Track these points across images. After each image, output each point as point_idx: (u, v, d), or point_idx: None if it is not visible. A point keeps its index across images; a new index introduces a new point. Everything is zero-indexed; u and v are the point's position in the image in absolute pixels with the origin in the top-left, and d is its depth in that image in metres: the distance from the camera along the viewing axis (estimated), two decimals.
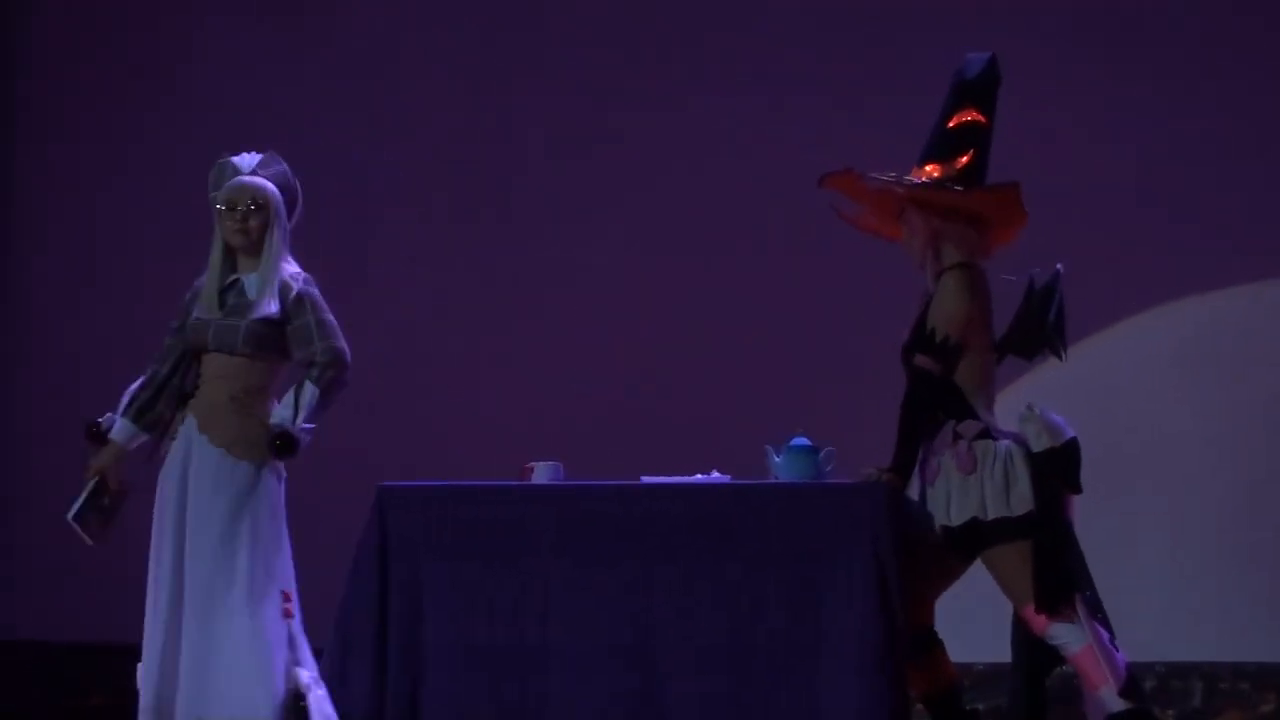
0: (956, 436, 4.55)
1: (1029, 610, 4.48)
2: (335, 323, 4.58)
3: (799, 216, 6.68)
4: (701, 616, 4.51)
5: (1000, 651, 4.78)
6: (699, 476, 4.82)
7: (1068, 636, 4.45)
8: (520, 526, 4.65)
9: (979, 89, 4.73)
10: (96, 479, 4.51)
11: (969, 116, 4.68)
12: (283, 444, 4.44)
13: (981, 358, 4.65)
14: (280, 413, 4.52)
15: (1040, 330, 4.67)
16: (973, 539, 4.52)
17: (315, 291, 4.60)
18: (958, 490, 4.49)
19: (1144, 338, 6.78)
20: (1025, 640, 4.60)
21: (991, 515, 4.45)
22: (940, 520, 4.55)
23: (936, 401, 4.65)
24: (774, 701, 4.46)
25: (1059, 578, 4.47)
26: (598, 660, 4.55)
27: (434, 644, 4.59)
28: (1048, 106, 6.71)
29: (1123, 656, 4.53)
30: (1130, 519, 6.49)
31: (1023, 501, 4.46)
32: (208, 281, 4.60)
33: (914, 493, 4.63)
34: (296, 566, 4.78)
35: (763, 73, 7.28)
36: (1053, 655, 4.54)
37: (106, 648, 6.97)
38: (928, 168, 4.66)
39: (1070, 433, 4.58)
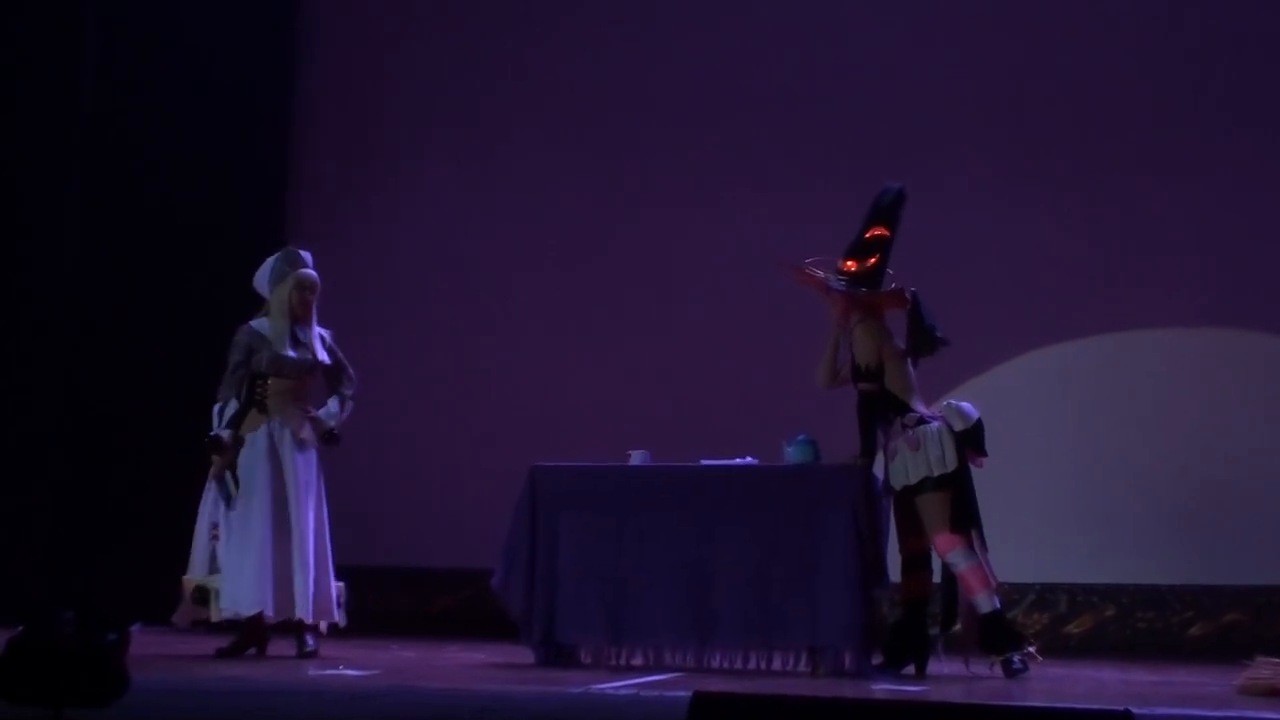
0: (904, 426, 5.43)
1: (940, 538, 5.34)
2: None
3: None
4: (739, 553, 5.45)
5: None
6: (738, 460, 5.69)
7: (960, 559, 5.33)
8: (623, 492, 5.63)
9: (888, 211, 5.65)
10: (228, 469, 5.82)
11: (879, 231, 5.63)
12: (330, 439, 5.95)
13: (902, 370, 5.54)
14: (327, 419, 5.97)
15: (927, 333, 5.53)
16: (917, 491, 5.35)
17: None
18: (910, 461, 5.39)
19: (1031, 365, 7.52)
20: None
21: (935, 474, 5.36)
22: (901, 482, 5.40)
23: (881, 407, 5.51)
24: (786, 611, 5.36)
25: (965, 514, 5.38)
26: (671, 581, 5.48)
27: (565, 569, 5.60)
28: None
29: (994, 578, 5.36)
30: (1015, 477, 7.03)
31: (950, 463, 5.36)
32: (276, 333, 5.90)
33: (880, 468, 5.48)
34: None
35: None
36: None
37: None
38: (849, 263, 5.62)
39: (976, 415, 5.49)
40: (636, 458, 5.82)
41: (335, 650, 5.97)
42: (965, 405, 5.55)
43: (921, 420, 5.47)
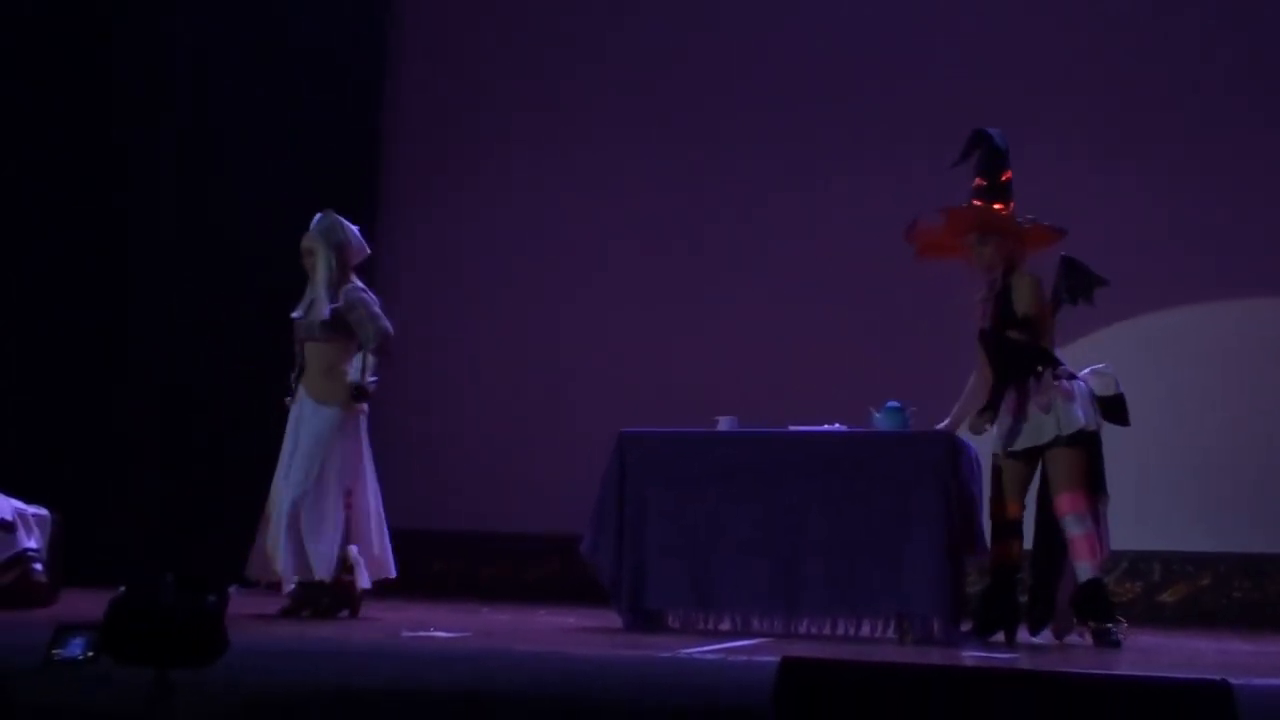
0: (1056, 377, 5.28)
1: (1069, 496, 5.18)
2: (380, 313, 6.00)
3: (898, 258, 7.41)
4: (826, 519, 5.41)
5: None
6: (825, 426, 5.67)
7: (1076, 523, 5.20)
8: (710, 459, 5.61)
9: (1007, 155, 5.55)
10: None
11: (1009, 175, 5.53)
12: (357, 394, 5.94)
13: (1052, 323, 5.44)
14: (352, 373, 6.00)
15: (1089, 276, 5.43)
16: (1052, 446, 5.21)
17: (364, 295, 6.00)
18: (1063, 414, 5.22)
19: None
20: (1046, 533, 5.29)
21: (1076, 430, 5.20)
22: (1036, 440, 5.22)
23: (1029, 360, 5.30)
24: (873, 577, 5.32)
25: (1096, 479, 5.29)
26: (758, 547, 5.45)
27: (653, 535, 5.61)
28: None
29: (1107, 549, 5.27)
30: (1108, 445, 6.43)
31: (1093, 423, 5.25)
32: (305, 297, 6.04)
33: (1006, 424, 5.28)
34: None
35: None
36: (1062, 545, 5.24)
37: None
38: (997, 205, 5.46)
39: (1120, 389, 5.38)
40: (724, 424, 5.82)
41: (426, 614, 6.08)
42: (1110, 372, 5.48)
43: (1071, 375, 5.40)
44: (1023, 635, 5.40)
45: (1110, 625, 5.21)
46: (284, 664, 3.95)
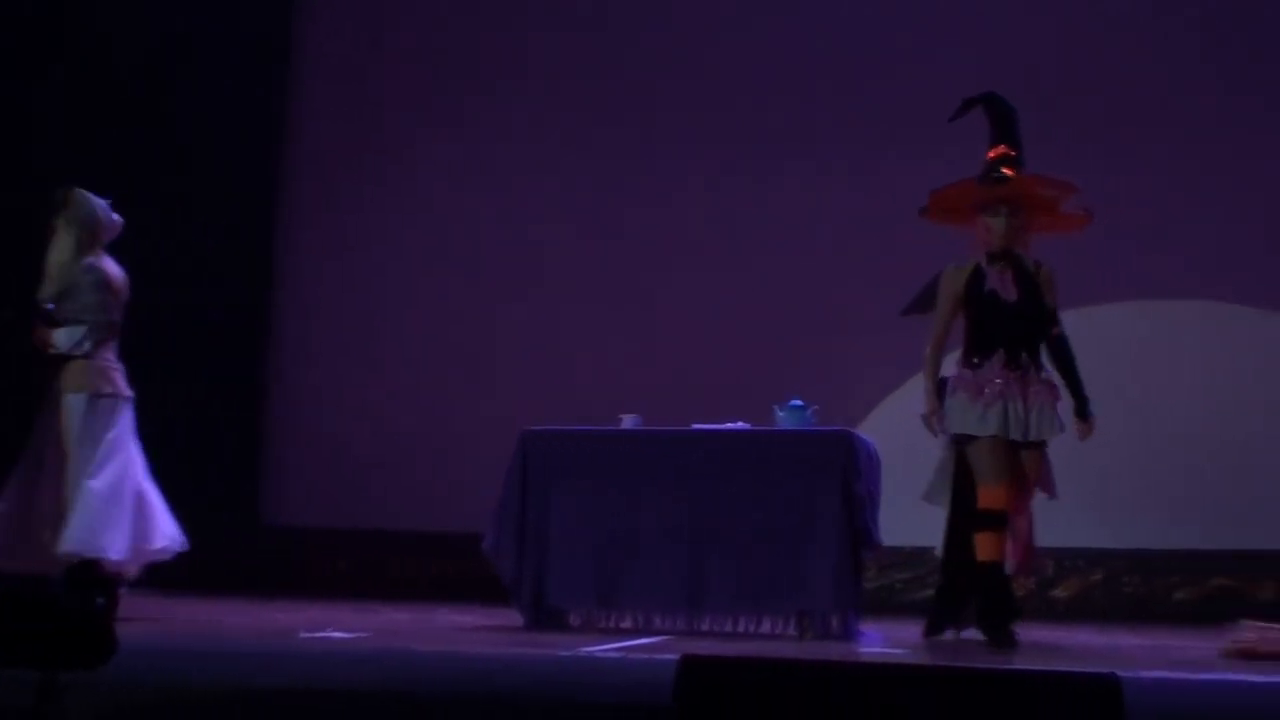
0: (1047, 375, 5.14)
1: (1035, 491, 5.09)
2: (103, 292, 5.53)
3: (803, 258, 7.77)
4: (729, 517, 5.45)
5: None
6: (728, 424, 5.68)
7: (1030, 518, 5.18)
8: (614, 457, 5.62)
9: (1015, 126, 5.31)
10: None
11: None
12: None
13: None
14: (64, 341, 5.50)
15: None
16: (1040, 444, 5.05)
17: (92, 276, 5.58)
18: (1049, 413, 5.09)
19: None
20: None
21: (1064, 429, 5.10)
22: (1049, 434, 5.06)
23: (1042, 352, 5.08)
24: (775, 574, 5.35)
25: None
26: (660, 545, 5.48)
27: (556, 533, 5.59)
28: None
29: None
30: None
31: (1061, 425, 5.11)
32: None
33: (1005, 410, 5.02)
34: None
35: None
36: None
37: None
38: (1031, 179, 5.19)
39: None
40: (628, 422, 5.83)
41: (324, 614, 6.00)
42: None
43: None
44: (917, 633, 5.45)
45: (1013, 627, 5.17)
46: (177, 666, 3.87)
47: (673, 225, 8.10)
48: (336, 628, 5.30)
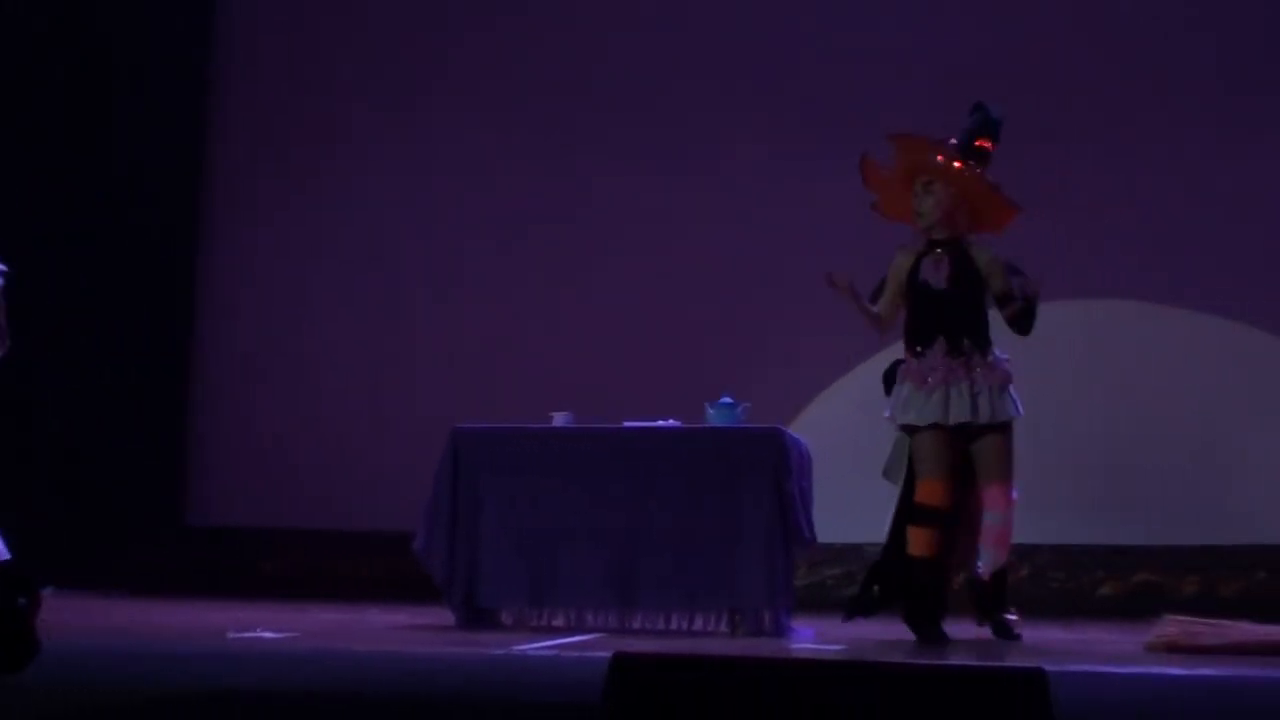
0: (1001, 360, 5.12)
1: (1008, 485, 5.00)
2: None
3: (733, 254, 7.79)
4: (661, 514, 5.45)
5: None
6: (659, 422, 5.70)
7: (1002, 515, 5.05)
8: (546, 455, 5.60)
9: (996, 126, 5.22)
10: None
11: (985, 143, 5.21)
12: None
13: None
14: None
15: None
16: (1003, 428, 4.99)
17: None
18: (1000, 398, 5.05)
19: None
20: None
21: (1017, 417, 5.05)
22: (1000, 415, 5.00)
23: (983, 334, 5.04)
24: (707, 572, 5.36)
25: None
26: (593, 543, 5.46)
27: (487, 531, 5.57)
28: None
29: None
30: None
31: (1017, 409, 5.08)
32: None
33: (946, 396, 5.01)
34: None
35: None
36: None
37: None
38: (957, 163, 5.09)
39: None
40: (559, 420, 5.83)
41: (253, 614, 5.95)
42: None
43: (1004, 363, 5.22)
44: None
45: (1011, 616, 5.16)
46: (101, 668, 3.81)
47: (604, 222, 8.09)
48: (265, 628, 5.24)
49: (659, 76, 8.12)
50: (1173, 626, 4.78)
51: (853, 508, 7.08)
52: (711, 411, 5.72)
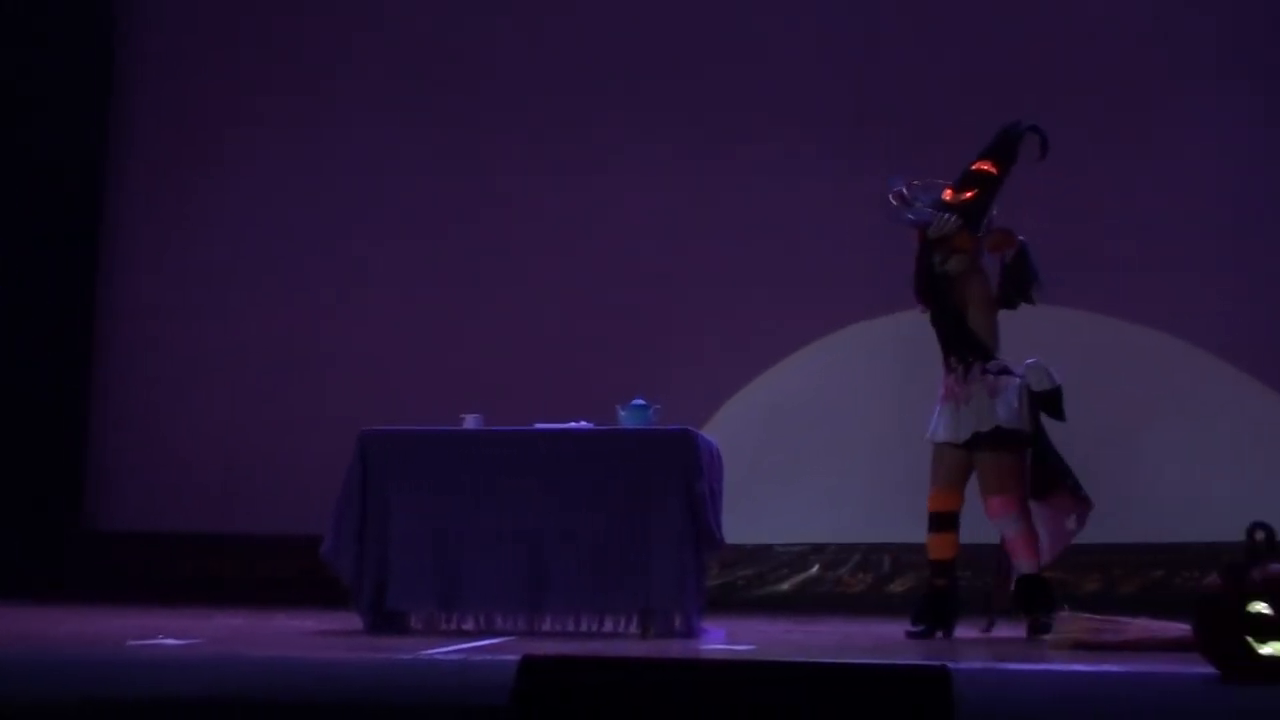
0: (984, 371, 5.29)
1: (996, 499, 5.21)
2: None
3: (645, 256, 7.81)
4: (572, 516, 5.44)
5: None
6: (571, 424, 5.69)
7: (1010, 524, 5.26)
8: (455, 457, 5.55)
9: (1003, 147, 5.37)
10: None
11: (984, 166, 5.38)
12: None
13: (988, 314, 5.39)
14: None
15: (1021, 285, 5.32)
16: (989, 441, 5.20)
17: None
18: (987, 409, 5.24)
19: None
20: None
21: (1006, 426, 5.20)
22: (972, 430, 5.20)
23: (969, 349, 5.26)
24: (618, 573, 5.37)
25: (1041, 477, 5.24)
26: (503, 546, 5.44)
27: (396, 534, 5.53)
28: None
29: (1044, 550, 5.29)
30: (843, 443, 7.44)
31: (1021, 421, 5.22)
32: None
33: (948, 413, 5.26)
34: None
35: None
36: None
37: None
38: (947, 191, 5.36)
39: (1058, 380, 5.30)
40: (469, 422, 5.80)
41: (155, 621, 5.85)
42: (1049, 368, 5.39)
43: (1004, 370, 5.39)
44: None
45: (1045, 617, 5.25)
46: None
47: (516, 222, 8.08)
48: (167, 635, 5.15)
49: (568, 74, 8.13)
50: (1075, 624, 4.87)
51: (763, 509, 7.19)
52: (623, 413, 5.73)
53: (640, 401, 5.74)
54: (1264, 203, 7.51)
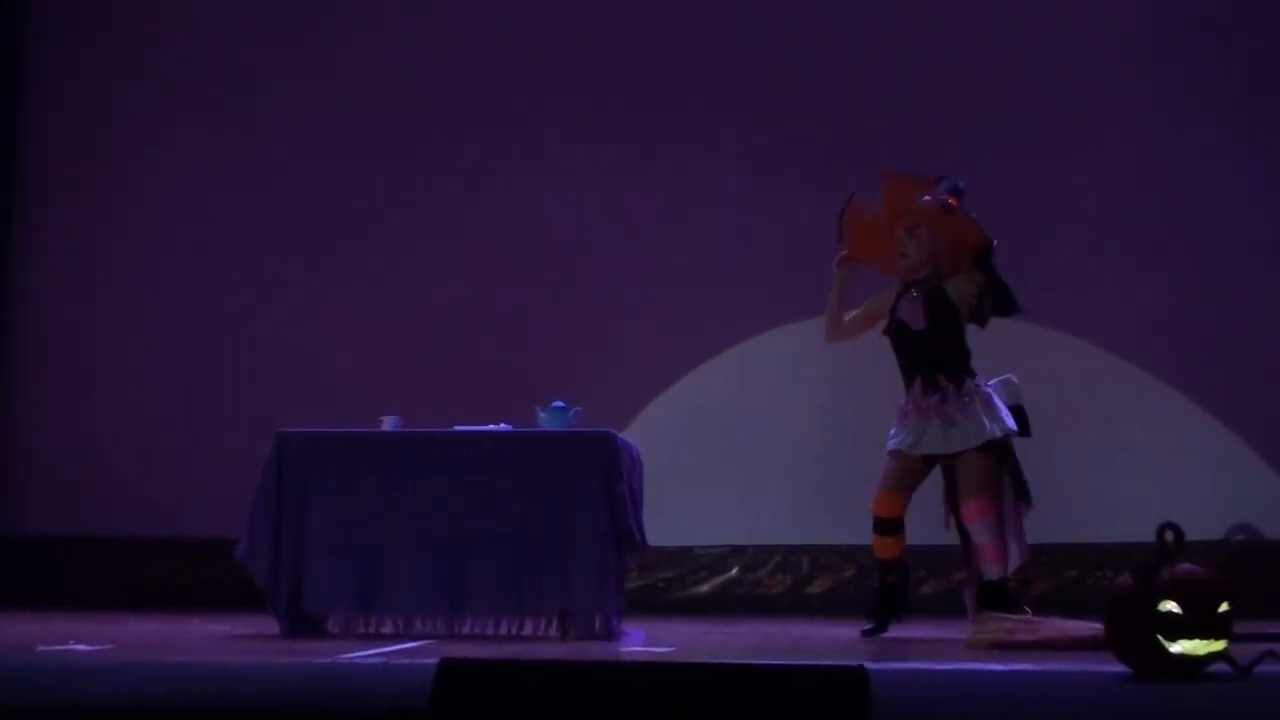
0: (976, 386, 5.41)
1: (979, 503, 5.28)
2: None
3: (566, 256, 7.79)
4: (491, 519, 5.41)
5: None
6: (490, 426, 5.68)
7: (984, 531, 5.33)
8: (374, 459, 5.52)
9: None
10: None
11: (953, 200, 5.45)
12: None
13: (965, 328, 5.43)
14: None
15: (1008, 294, 5.39)
16: (978, 449, 5.27)
17: None
18: (980, 423, 5.32)
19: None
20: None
21: (997, 435, 5.31)
22: (967, 444, 5.28)
23: (959, 364, 5.35)
24: (538, 576, 5.36)
25: (1015, 484, 5.36)
26: (422, 548, 5.41)
27: (314, 537, 5.47)
28: None
29: (1013, 558, 5.38)
30: (762, 446, 7.48)
31: (998, 429, 5.34)
32: None
33: (935, 429, 5.32)
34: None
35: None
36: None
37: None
38: (952, 199, 5.38)
39: (1021, 399, 5.45)
40: (388, 423, 5.77)
41: (67, 627, 5.76)
42: (1015, 382, 5.56)
43: (979, 386, 5.49)
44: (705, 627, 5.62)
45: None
46: None
47: (435, 223, 8.03)
48: (78, 640, 5.06)
49: (487, 73, 8.09)
50: (991, 624, 4.93)
51: (684, 511, 7.22)
52: (543, 415, 5.73)
53: (560, 404, 5.74)
54: (1174, 215, 7.63)
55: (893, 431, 5.51)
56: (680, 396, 7.78)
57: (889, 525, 5.45)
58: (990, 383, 5.54)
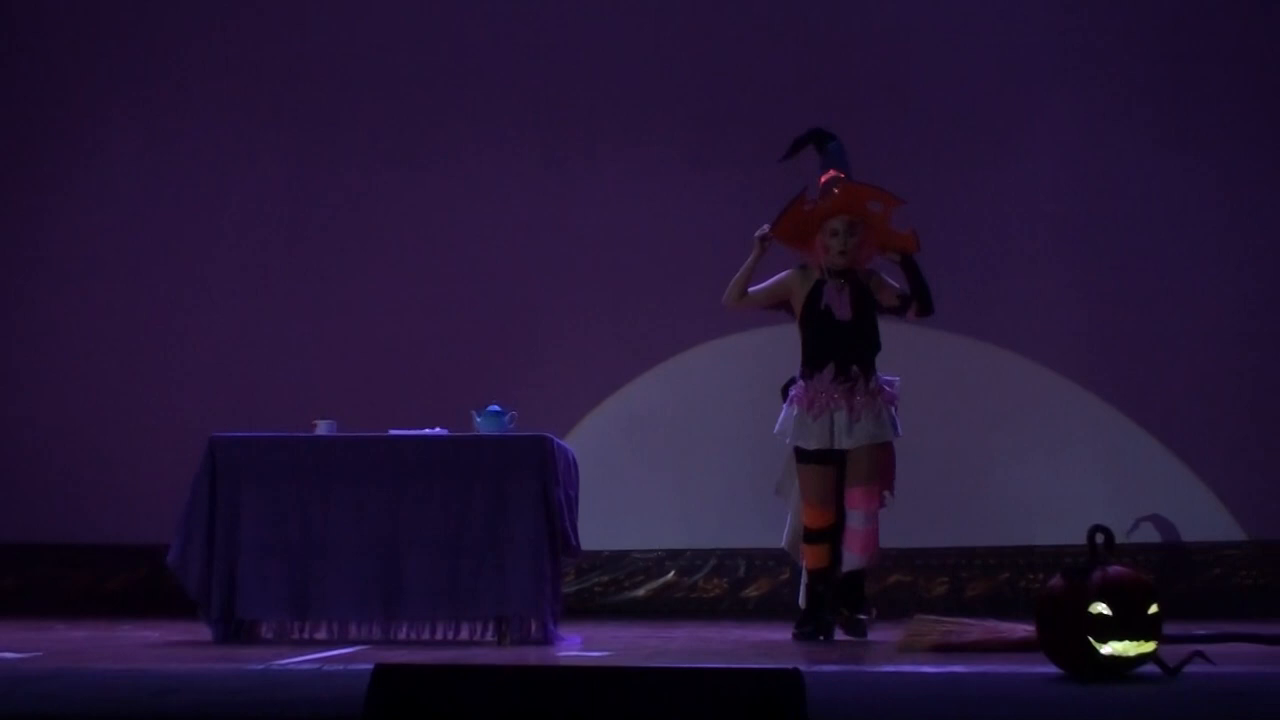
0: (888, 381, 5.51)
1: (876, 491, 5.42)
2: None
3: (502, 261, 7.81)
4: (427, 523, 5.42)
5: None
6: (426, 430, 5.66)
7: (868, 520, 5.43)
8: (308, 463, 5.49)
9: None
10: None
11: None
12: None
13: None
14: None
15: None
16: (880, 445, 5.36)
17: None
18: (882, 420, 5.41)
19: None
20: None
21: (899, 434, 5.45)
22: (883, 437, 5.39)
23: (871, 355, 5.42)
24: (475, 581, 5.36)
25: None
26: (357, 553, 5.42)
27: (247, 542, 5.46)
28: None
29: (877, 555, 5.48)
30: (698, 451, 7.55)
31: (896, 430, 5.46)
32: None
33: (841, 422, 5.35)
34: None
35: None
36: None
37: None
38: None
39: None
40: (322, 428, 5.74)
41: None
42: (898, 384, 5.67)
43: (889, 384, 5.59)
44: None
45: (862, 616, 5.51)
46: None
47: (370, 225, 7.98)
48: (4, 647, 4.99)
49: (420, 71, 8.04)
50: (923, 626, 4.98)
51: (620, 516, 7.23)
52: (479, 419, 5.72)
53: (496, 408, 5.73)
54: (1102, 221, 7.73)
55: (789, 419, 5.50)
56: (618, 403, 7.78)
57: (819, 535, 5.49)
58: (896, 382, 5.63)
